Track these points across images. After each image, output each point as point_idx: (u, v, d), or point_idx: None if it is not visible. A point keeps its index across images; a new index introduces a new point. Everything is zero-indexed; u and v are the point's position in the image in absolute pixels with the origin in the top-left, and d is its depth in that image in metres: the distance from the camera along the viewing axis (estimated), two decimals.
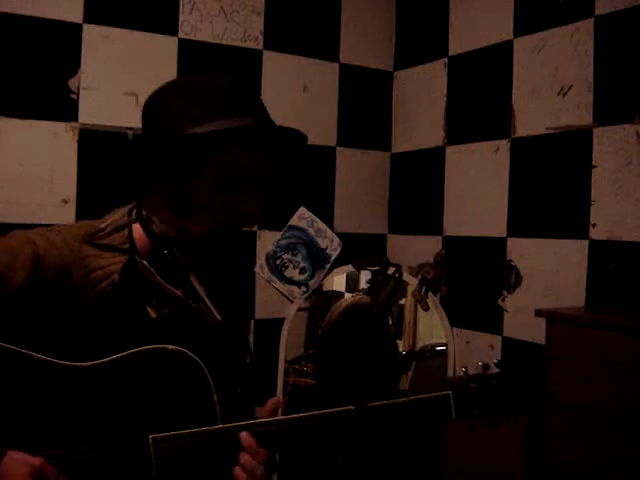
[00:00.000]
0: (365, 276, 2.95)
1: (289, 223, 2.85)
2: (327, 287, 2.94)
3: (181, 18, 2.60)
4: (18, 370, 1.00)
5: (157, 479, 1.01)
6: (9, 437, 0.96)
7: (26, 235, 1.08)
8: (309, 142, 1.23)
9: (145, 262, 1.13)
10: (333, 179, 2.97)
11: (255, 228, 2.74)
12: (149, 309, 1.12)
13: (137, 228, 1.17)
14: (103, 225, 1.14)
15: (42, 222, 2.32)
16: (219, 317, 1.18)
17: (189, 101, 1.11)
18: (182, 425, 1.04)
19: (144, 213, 1.15)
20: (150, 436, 1.02)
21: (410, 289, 2.87)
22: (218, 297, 1.21)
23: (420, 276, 2.80)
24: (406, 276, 2.86)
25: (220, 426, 1.06)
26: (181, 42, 2.60)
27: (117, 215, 1.19)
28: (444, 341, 2.78)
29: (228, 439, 1.05)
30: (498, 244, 2.56)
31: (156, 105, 1.16)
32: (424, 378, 2.89)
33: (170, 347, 1.05)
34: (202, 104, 1.10)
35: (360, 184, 3.04)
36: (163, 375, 1.06)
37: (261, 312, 2.79)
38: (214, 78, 1.14)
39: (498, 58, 2.58)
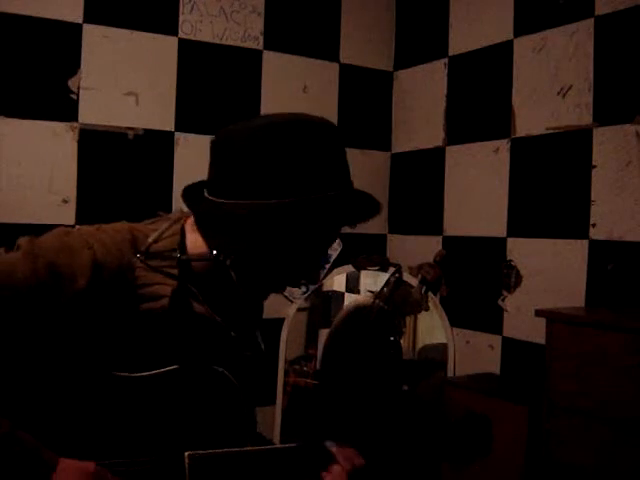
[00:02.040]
0: (366, 276, 2.94)
1: None
2: (327, 287, 2.94)
3: (181, 18, 2.60)
4: (69, 376, 1.00)
5: None
6: (51, 442, 0.97)
7: (82, 237, 1.05)
8: None
9: (195, 289, 1.10)
10: None
11: None
12: (195, 335, 1.11)
13: (193, 248, 1.12)
14: (151, 239, 1.09)
15: (42, 222, 2.33)
16: (263, 346, 1.19)
17: (295, 165, 1.02)
18: (215, 444, 1.05)
19: (227, 262, 1.08)
20: (186, 453, 1.03)
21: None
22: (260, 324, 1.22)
23: (420, 276, 2.80)
24: (406, 276, 2.86)
25: (252, 448, 1.08)
26: (181, 42, 2.60)
27: (165, 228, 1.12)
28: (444, 341, 2.78)
29: (258, 460, 1.06)
30: (498, 244, 2.56)
31: (249, 157, 1.03)
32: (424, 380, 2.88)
33: (214, 367, 1.08)
34: (309, 171, 1.03)
35: (360, 184, 3.02)
36: (202, 394, 1.07)
37: None
38: (319, 138, 1.05)
39: (498, 58, 2.58)
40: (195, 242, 1.12)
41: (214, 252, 1.08)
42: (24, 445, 0.92)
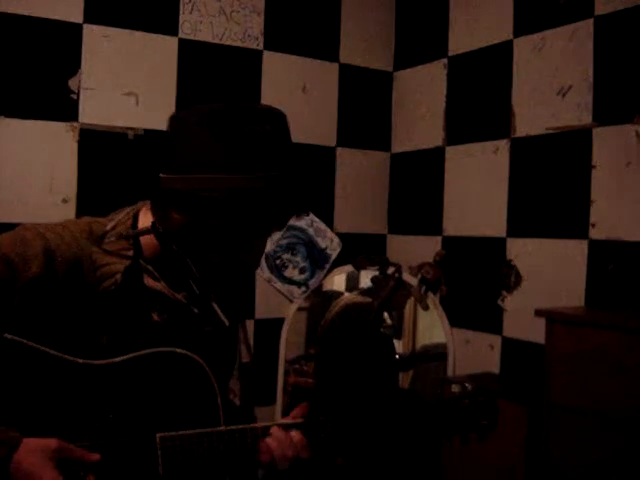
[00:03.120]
0: (365, 276, 2.95)
1: (289, 223, 2.84)
2: (327, 287, 2.94)
3: (181, 18, 2.60)
4: (29, 364, 1.01)
5: (163, 477, 1.03)
6: (19, 429, 0.97)
7: (36, 229, 1.09)
8: (310, 142, 1.24)
9: (150, 267, 1.14)
10: (333, 179, 2.97)
11: None
12: (152, 312, 1.14)
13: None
14: (109, 227, 1.14)
15: (42, 222, 2.33)
16: (227, 322, 1.19)
17: (219, 146, 1.06)
18: (186, 426, 1.06)
19: (159, 227, 1.12)
20: (157, 435, 1.03)
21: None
22: (225, 301, 1.22)
23: (420, 276, 2.80)
24: (406, 276, 2.86)
25: (223, 428, 1.08)
26: (181, 42, 2.60)
27: (121, 216, 1.18)
28: (444, 341, 2.78)
29: (230, 440, 1.07)
30: (498, 244, 2.56)
31: (184, 137, 1.11)
32: (423, 377, 2.89)
33: (179, 351, 1.08)
34: (232, 154, 1.06)
35: (360, 184, 3.04)
36: (170, 377, 1.08)
37: (261, 312, 2.79)
38: (248, 124, 1.08)
39: (498, 58, 2.58)
40: (146, 222, 1.16)
41: (151, 223, 1.12)
42: None
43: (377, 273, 2.88)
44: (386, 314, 2.89)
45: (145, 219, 1.17)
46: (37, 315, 1.04)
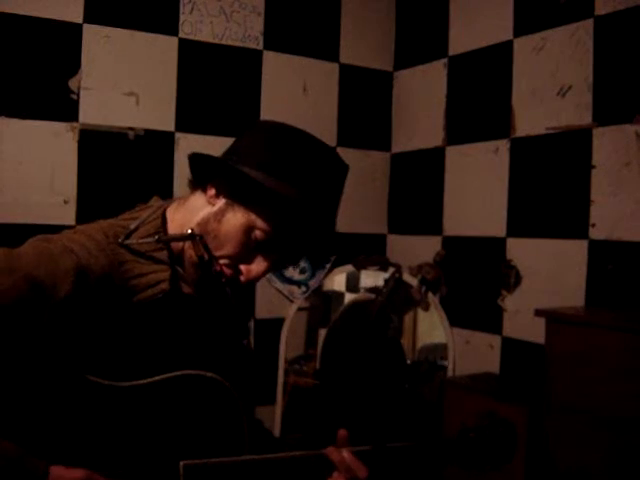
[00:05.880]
0: (365, 276, 2.95)
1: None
2: (327, 287, 2.94)
3: (181, 18, 2.60)
4: (56, 385, 0.98)
5: None
6: (43, 451, 0.95)
7: (62, 242, 1.02)
8: None
9: (181, 270, 1.11)
10: None
11: None
12: (185, 320, 1.11)
13: (174, 230, 1.14)
14: (132, 226, 1.10)
15: (42, 222, 2.33)
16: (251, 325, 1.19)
17: (267, 150, 1.11)
18: (211, 451, 1.04)
19: (197, 234, 1.09)
20: (181, 462, 1.00)
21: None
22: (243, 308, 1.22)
23: (420, 276, 2.80)
24: (406, 276, 2.86)
25: (248, 457, 1.05)
26: (181, 42, 2.60)
27: (147, 215, 1.14)
28: (444, 341, 2.78)
29: (255, 469, 1.05)
30: (498, 244, 2.56)
31: (241, 137, 1.17)
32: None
33: (208, 374, 1.06)
34: (273, 158, 1.10)
35: (360, 184, 3.04)
36: (197, 401, 1.06)
37: (261, 312, 2.79)
38: (302, 145, 1.14)
39: (498, 58, 2.58)
40: (176, 225, 1.13)
41: (189, 230, 1.09)
42: (7, 456, 0.89)
43: (384, 274, 2.88)
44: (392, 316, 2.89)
45: (174, 220, 1.14)
46: (65, 334, 0.98)
